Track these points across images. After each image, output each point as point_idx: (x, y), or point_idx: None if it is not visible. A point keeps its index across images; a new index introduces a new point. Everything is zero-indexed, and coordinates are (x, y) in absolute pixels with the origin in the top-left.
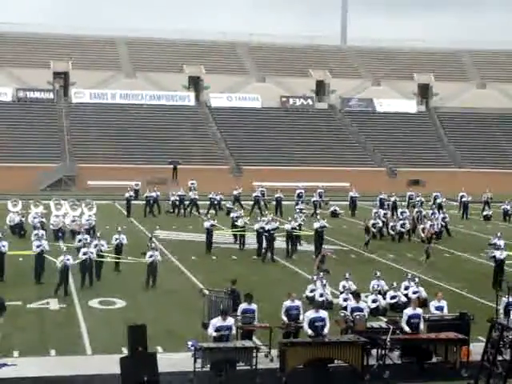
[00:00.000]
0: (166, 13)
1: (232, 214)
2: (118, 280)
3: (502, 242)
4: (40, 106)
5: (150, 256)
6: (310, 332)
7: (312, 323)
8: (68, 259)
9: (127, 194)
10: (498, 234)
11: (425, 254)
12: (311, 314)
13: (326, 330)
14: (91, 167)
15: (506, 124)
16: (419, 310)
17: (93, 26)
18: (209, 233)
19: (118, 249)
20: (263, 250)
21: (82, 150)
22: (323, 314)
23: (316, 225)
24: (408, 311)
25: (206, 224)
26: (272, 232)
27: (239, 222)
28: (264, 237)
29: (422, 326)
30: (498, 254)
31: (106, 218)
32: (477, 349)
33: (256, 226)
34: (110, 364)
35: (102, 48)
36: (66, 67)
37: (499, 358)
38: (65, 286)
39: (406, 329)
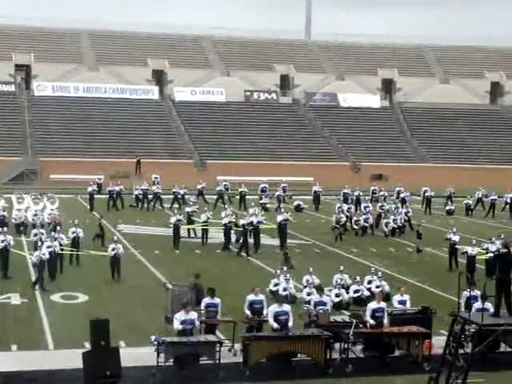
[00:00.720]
0: (130, 6)
1: (187, 209)
2: (80, 274)
3: (457, 238)
4: (1, 98)
5: (113, 249)
6: (275, 326)
7: (276, 317)
8: (44, 254)
9: (90, 188)
10: (454, 230)
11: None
12: (275, 308)
13: (290, 324)
14: (54, 161)
15: (469, 119)
16: (383, 304)
17: (55, 18)
18: (176, 228)
19: (75, 242)
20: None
21: (45, 143)
22: (286, 307)
23: (279, 218)
24: (372, 305)
25: (173, 219)
26: (256, 226)
27: (202, 217)
28: (244, 231)
29: (386, 319)
30: (469, 250)
31: (69, 212)
32: (439, 342)
33: (225, 220)
34: (73, 359)
35: (65, 40)
36: (27, 60)
37: (461, 351)
38: (41, 281)
39: (371, 322)
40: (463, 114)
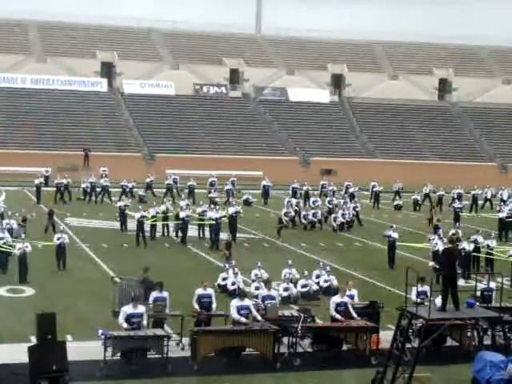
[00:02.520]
0: None
1: (119, 203)
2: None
3: (396, 235)
4: None
5: (58, 239)
6: (243, 320)
7: (238, 311)
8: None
9: (37, 181)
10: (394, 227)
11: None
12: (237, 302)
13: (259, 317)
14: (0, 153)
15: (417, 115)
16: (346, 298)
17: (2, 8)
18: (140, 224)
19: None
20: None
21: None
22: (248, 302)
23: (231, 210)
24: (336, 299)
25: (137, 215)
26: (219, 221)
27: (151, 211)
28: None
29: (354, 313)
30: (465, 245)
31: (16, 205)
32: (386, 337)
33: (182, 214)
34: (18, 353)
35: (13, 31)
36: None
37: (408, 345)
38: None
39: (338, 316)
40: (412, 110)
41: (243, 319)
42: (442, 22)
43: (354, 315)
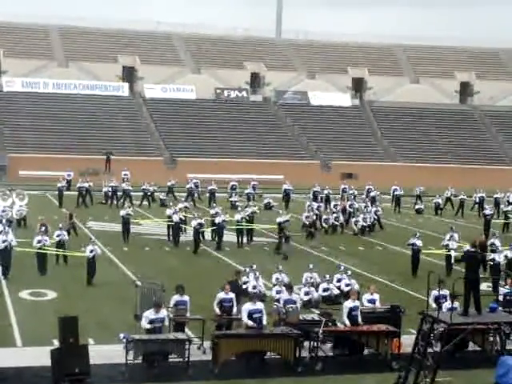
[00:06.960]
0: (101, 1)
1: (122, 212)
2: (49, 271)
3: (420, 242)
4: None
5: (91, 251)
6: (251, 323)
7: (250, 315)
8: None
9: (59, 185)
10: (417, 235)
11: None
12: (249, 306)
13: (264, 322)
14: (23, 157)
15: (439, 119)
16: (358, 302)
17: (25, 13)
18: (196, 232)
19: None
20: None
21: (14, 139)
22: (260, 305)
23: (279, 219)
24: (348, 304)
25: (193, 223)
26: (282, 225)
27: (174, 218)
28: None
29: (359, 318)
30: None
31: (38, 209)
32: (408, 341)
33: (217, 220)
34: (41, 356)
35: (34, 36)
36: None
37: (429, 350)
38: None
39: (347, 323)
40: (433, 114)
41: (250, 322)
42: (463, 25)
43: (359, 320)
